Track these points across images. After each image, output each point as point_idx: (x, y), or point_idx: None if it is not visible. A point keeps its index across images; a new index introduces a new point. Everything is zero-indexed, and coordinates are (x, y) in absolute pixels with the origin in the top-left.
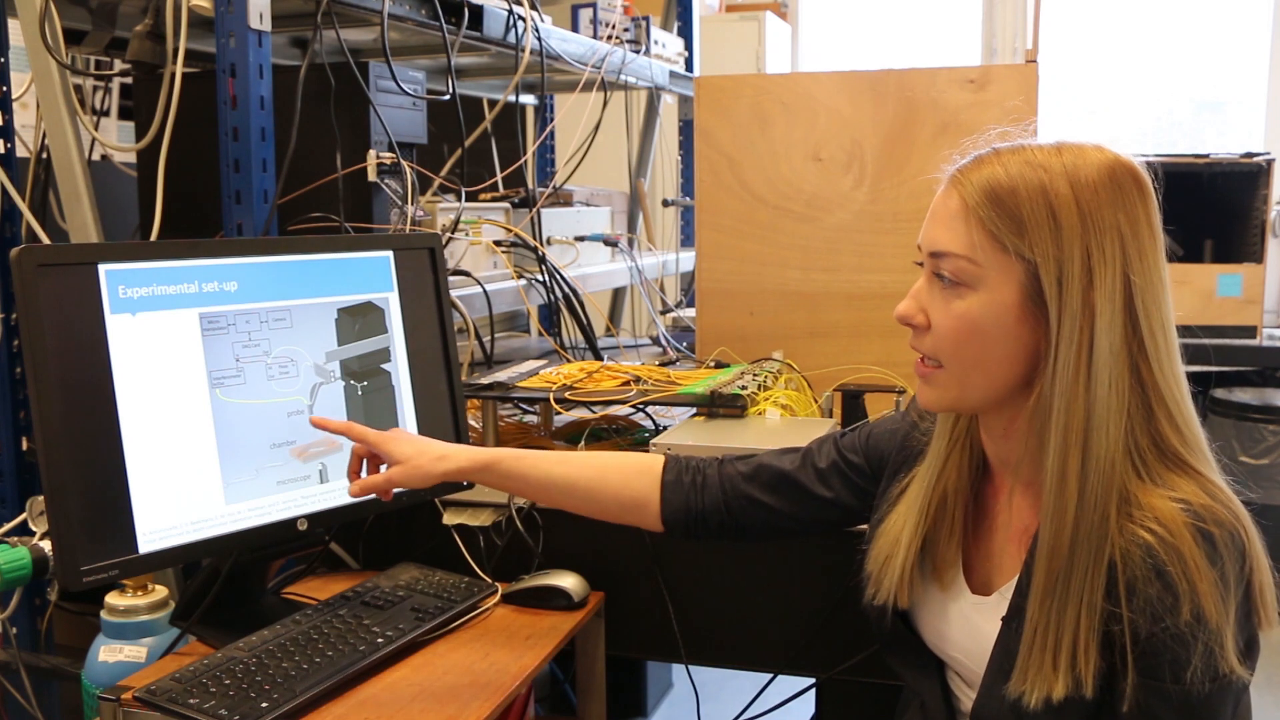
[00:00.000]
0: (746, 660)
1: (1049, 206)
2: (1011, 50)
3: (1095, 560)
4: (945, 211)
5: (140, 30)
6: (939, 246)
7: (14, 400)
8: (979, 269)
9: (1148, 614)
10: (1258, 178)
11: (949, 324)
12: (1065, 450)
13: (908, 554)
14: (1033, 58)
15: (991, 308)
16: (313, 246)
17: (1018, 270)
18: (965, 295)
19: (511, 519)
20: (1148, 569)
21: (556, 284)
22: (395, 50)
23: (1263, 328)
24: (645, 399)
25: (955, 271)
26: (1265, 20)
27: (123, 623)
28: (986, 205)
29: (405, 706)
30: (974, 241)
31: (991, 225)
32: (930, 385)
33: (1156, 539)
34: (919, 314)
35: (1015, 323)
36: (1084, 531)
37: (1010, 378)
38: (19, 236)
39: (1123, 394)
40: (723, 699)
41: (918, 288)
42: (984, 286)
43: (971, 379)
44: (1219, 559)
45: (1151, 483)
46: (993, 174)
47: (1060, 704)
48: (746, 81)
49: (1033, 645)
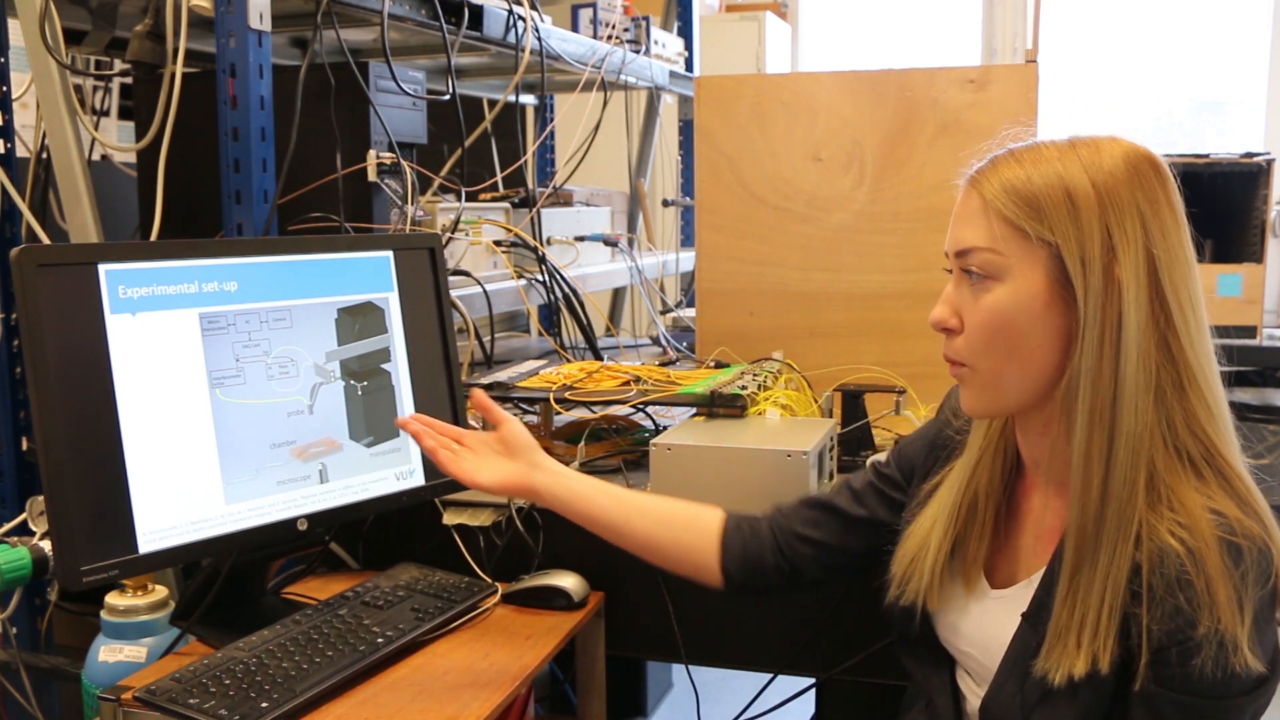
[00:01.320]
0: (746, 660)
1: (1065, 191)
2: (1011, 50)
3: (1122, 535)
4: (966, 211)
5: (140, 30)
6: (963, 244)
7: (14, 400)
8: (1003, 259)
9: (1164, 625)
10: (1258, 178)
11: (980, 318)
12: (1091, 426)
13: (937, 556)
14: (1033, 58)
15: (1019, 296)
16: (313, 246)
17: (1041, 256)
18: (992, 288)
19: (511, 519)
20: (1169, 579)
21: (556, 284)
22: (395, 50)
23: (1263, 328)
24: (645, 399)
25: (981, 265)
26: (1265, 20)
27: (123, 623)
28: (1004, 197)
29: (405, 706)
30: (995, 233)
31: (1010, 214)
32: (968, 388)
33: (1183, 546)
34: (953, 317)
35: (1044, 310)
36: (1112, 508)
37: (1044, 368)
38: (19, 236)
39: (1151, 370)
40: (723, 699)
41: (947, 292)
42: (1010, 276)
43: (1006, 374)
44: (1243, 573)
45: (1184, 469)
46: (1009, 170)
47: (1080, 682)
48: (746, 81)
49: (1059, 621)
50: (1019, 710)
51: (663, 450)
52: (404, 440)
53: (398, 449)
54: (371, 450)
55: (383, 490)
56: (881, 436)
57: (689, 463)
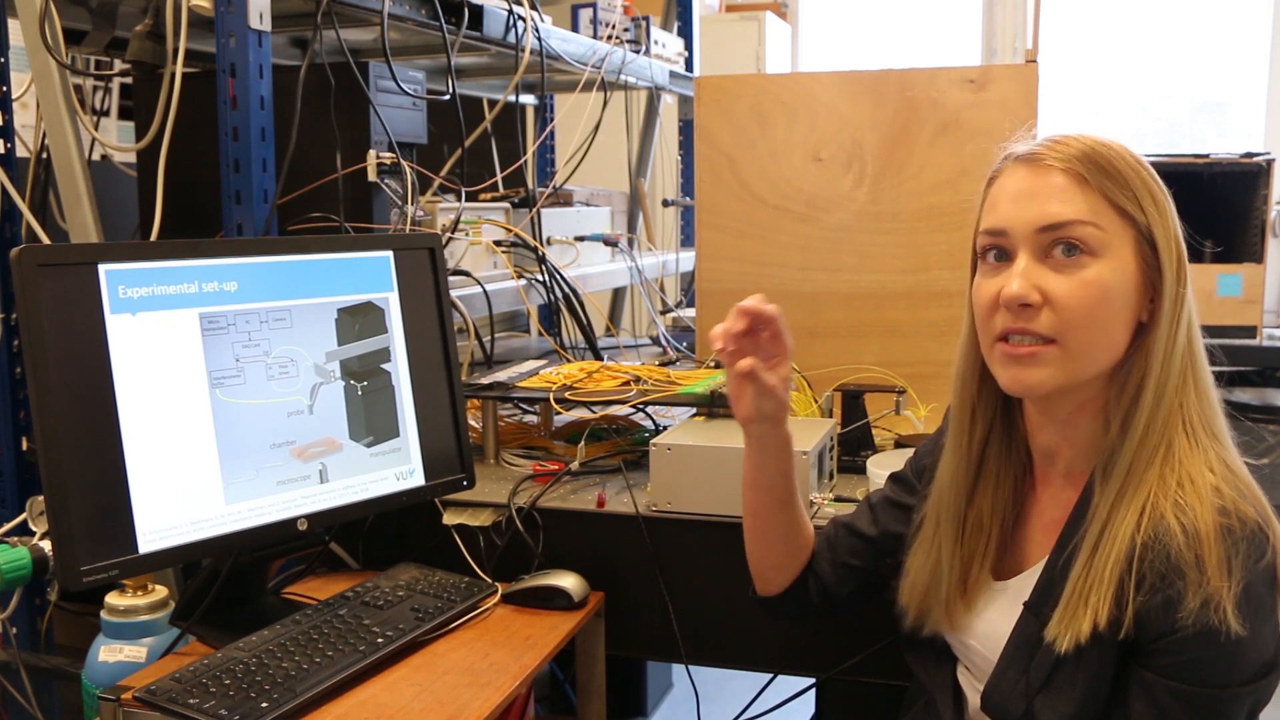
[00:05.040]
0: (746, 660)
1: (1139, 174)
2: (1011, 50)
3: (1137, 495)
4: (1046, 186)
5: (140, 30)
6: (1058, 218)
7: (14, 400)
8: (1104, 234)
9: (1160, 612)
10: (1258, 178)
11: (1080, 293)
12: (1142, 394)
13: (950, 580)
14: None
15: (1117, 273)
16: (313, 246)
17: (1132, 234)
18: (1089, 264)
19: (511, 519)
20: (1166, 565)
21: (556, 284)
22: (395, 50)
23: (1263, 328)
24: (645, 399)
25: (1083, 238)
26: (1265, 20)
27: (123, 623)
28: (1096, 172)
29: (405, 706)
30: (1095, 207)
31: (1107, 190)
32: (1041, 365)
33: (1182, 528)
34: (1034, 292)
35: (1134, 289)
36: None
37: (1123, 346)
38: (19, 236)
39: (1193, 351)
40: (723, 699)
41: (1022, 269)
42: (1108, 252)
43: (1096, 348)
44: (1239, 558)
45: (1191, 446)
46: (1085, 145)
47: (1085, 648)
48: (746, 81)
49: (1075, 584)
50: (1022, 696)
51: (663, 450)
52: (404, 440)
53: (398, 449)
54: (371, 450)
55: (383, 490)
56: (881, 436)
57: (689, 463)
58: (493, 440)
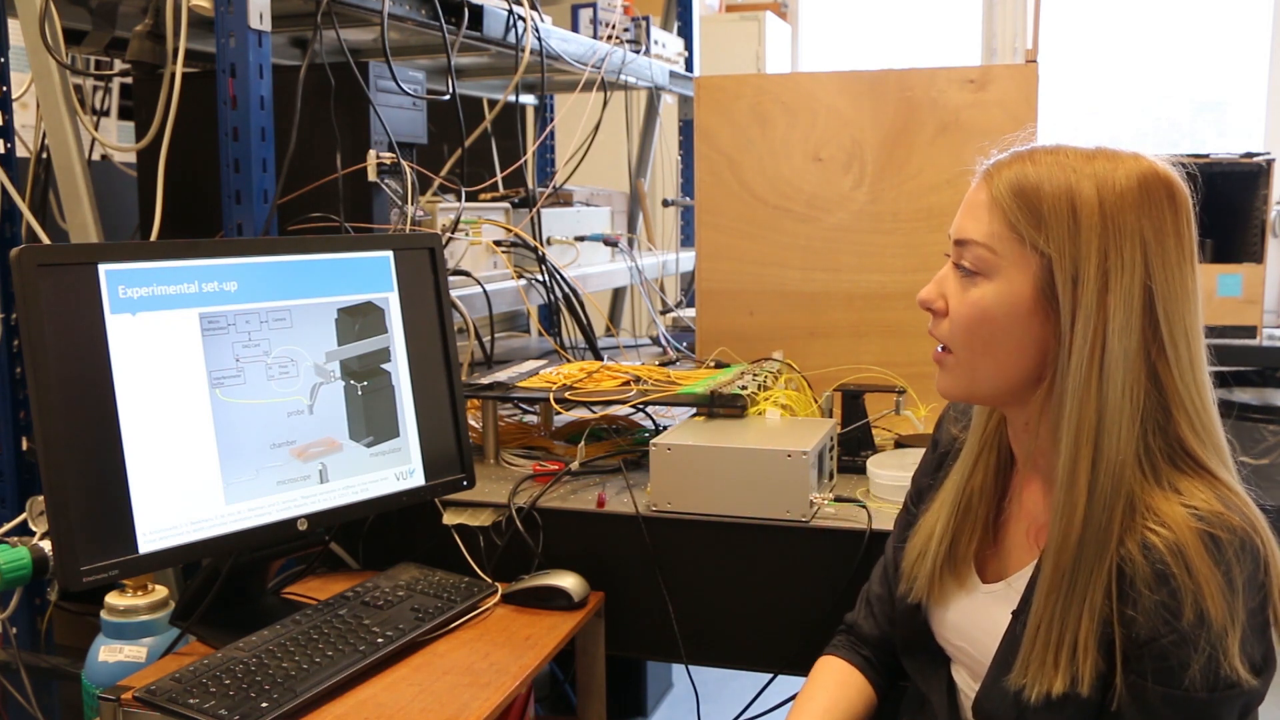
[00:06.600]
0: (746, 660)
1: (1071, 205)
2: (1011, 50)
3: (1099, 561)
4: (974, 202)
5: (140, 30)
6: (963, 234)
7: (14, 400)
8: (996, 258)
9: (1150, 619)
10: (1258, 178)
11: (963, 310)
12: (1076, 449)
13: (938, 552)
14: (1033, 58)
15: (1004, 297)
16: (313, 246)
17: (1033, 264)
18: (980, 284)
19: (511, 519)
20: (1150, 573)
21: (556, 284)
22: (395, 50)
23: (1263, 328)
24: (645, 399)
25: (974, 259)
26: (1265, 20)
27: (123, 623)
28: (1010, 198)
29: (405, 706)
30: (994, 231)
31: (1012, 217)
32: (944, 371)
33: (1162, 542)
34: (939, 299)
35: (1026, 315)
36: (1091, 532)
37: (1019, 369)
38: (19, 236)
39: (1137, 399)
40: (723, 699)
41: (941, 275)
42: (999, 276)
43: (981, 367)
44: (1225, 563)
45: (1162, 488)
46: (1022, 170)
47: (1059, 700)
48: (746, 81)
49: (1035, 640)
50: (1013, 708)
51: (663, 450)
52: (404, 440)
53: (398, 449)
54: (371, 450)
55: (383, 490)
56: (881, 436)
57: (689, 463)
58: (493, 440)
